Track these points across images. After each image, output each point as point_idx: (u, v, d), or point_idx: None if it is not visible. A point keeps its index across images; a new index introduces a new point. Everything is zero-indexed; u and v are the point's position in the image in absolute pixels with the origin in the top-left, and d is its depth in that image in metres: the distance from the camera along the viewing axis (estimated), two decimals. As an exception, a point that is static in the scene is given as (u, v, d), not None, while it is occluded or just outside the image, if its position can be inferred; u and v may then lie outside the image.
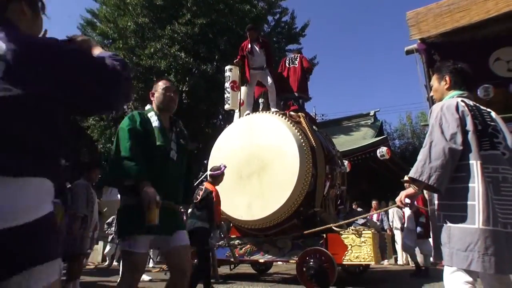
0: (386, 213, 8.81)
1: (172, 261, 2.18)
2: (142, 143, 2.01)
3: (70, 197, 4.56)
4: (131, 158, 1.90)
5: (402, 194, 1.94)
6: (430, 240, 6.10)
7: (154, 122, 2.12)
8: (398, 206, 2.05)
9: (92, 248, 5.45)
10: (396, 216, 8.54)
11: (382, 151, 11.00)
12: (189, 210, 4.42)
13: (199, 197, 4.29)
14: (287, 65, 6.75)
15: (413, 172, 1.85)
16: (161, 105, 2.23)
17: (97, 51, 1.22)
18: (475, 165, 1.73)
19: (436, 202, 1.92)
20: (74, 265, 4.55)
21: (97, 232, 5.77)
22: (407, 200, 1.92)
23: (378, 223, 8.96)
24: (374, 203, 9.21)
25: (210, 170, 4.79)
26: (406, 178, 1.91)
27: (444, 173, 1.74)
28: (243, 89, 6.75)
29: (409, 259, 8.23)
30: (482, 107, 1.97)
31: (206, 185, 4.52)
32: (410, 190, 1.91)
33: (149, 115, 2.17)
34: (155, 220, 1.78)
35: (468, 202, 1.71)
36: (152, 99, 2.28)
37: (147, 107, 2.30)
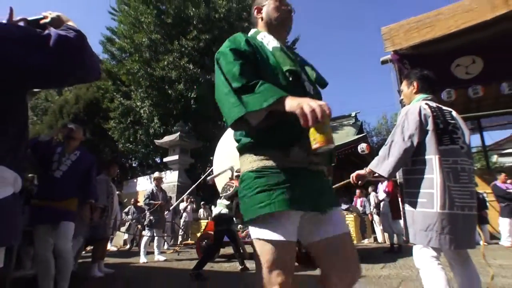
0: (368, 199, 8.93)
1: (331, 257, 1.14)
2: (255, 73, 1.11)
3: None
4: (246, 83, 1.03)
5: (354, 173, 2.04)
6: (401, 221, 6.15)
7: (271, 42, 1.24)
8: (349, 182, 2.15)
9: (114, 233, 5.45)
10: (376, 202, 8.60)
11: (362, 147, 10.99)
12: (218, 201, 4.48)
13: (229, 192, 4.40)
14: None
15: (374, 165, 1.93)
16: (275, 20, 1.31)
17: (69, 23, 1.05)
18: (433, 159, 1.76)
19: (404, 190, 1.95)
20: (98, 248, 4.56)
21: (118, 219, 5.79)
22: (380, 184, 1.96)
23: (362, 209, 9.05)
24: (358, 191, 9.41)
25: (237, 171, 4.87)
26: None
27: (396, 167, 1.84)
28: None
29: (386, 238, 8.33)
30: (444, 107, 1.99)
31: (236, 182, 4.56)
32: (362, 171, 2.00)
33: (258, 37, 1.28)
34: (331, 140, 0.96)
35: (428, 190, 1.74)
36: (258, 16, 1.35)
37: (252, 31, 1.37)
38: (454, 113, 1.97)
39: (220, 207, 4.43)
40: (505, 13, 4.76)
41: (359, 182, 2.02)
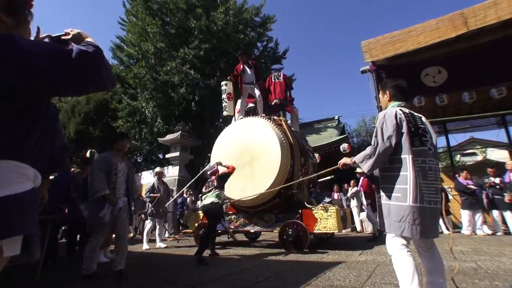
0: (345, 195, 9.03)
1: None
2: None
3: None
4: None
5: (342, 160, 2.12)
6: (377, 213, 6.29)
7: None
8: (337, 168, 2.20)
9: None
10: (356, 197, 8.65)
11: (344, 146, 11.14)
12: (205, 196, 4.42)
13: (209, 189, 4.43)
14: (273, 80, 6.75)
15: (359, 159, 1.93)
16: None
17: (88, 39, 1.07)
18: (407, 158, 1.77)
19: (381, 186, 1.96)
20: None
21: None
22: (363, 173, 1.98)
23: (340, 202, 9.11)
24: (336, 187, 9.49)
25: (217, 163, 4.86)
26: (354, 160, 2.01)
27: (376, 165, 1.86)
28: (238, 100, 6.75)
29: (365, 227, 8.38)
30: (415, 113, 2.00)
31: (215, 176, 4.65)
32: (348, 160, 2.05)
33: None
34: None
35: (402, 186, 1.74)
36: None
37: None
38: (423, 118, 1.98)
39: (210, 198, 4.35)
40: (464, 33, 4.90)
41: (344, 168, 2.14)
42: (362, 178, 6.55)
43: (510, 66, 4.89)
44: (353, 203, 8.69)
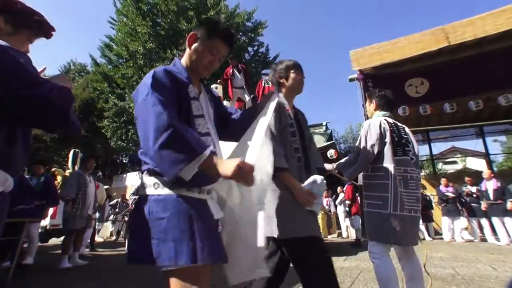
0: (334, 199, 9.11)
1: None
2: None
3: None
4: None
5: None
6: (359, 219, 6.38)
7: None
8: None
9: (91, 225, 4.92)
10: (343, 203, 8.75)
11: (331, 152, 11.25)
12: None
13: None
14: (263, 85, 6.78)
15: (341, 166, 1.95)
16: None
17: (66, 84, 0.98)
18: (389, 167, 1.81)
19: (363, 193, 2.00)
20: (76, 239, 4.27)
21: (96, 211, 5.26)
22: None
23: (327, 207, 9.20)
24: (324, 192, 9.50)
25: None
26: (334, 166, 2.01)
27: (356, 171, 1.88)
28: (227, 103, 6.73)
29: (350, 233, 8.48)
30: (399, 124, 2.05)
31: None
32: (330, 166, 2.01)
33: None
34: None
35: (383, 194, 1.78)
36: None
37: None
38: (407, 129, 2.04)
39: None
40: (445, 46, 5.16)
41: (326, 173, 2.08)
42: (347, 184, 6.65)
43: (485, 81, 5.17)
44: (340, 209, 8.80)
